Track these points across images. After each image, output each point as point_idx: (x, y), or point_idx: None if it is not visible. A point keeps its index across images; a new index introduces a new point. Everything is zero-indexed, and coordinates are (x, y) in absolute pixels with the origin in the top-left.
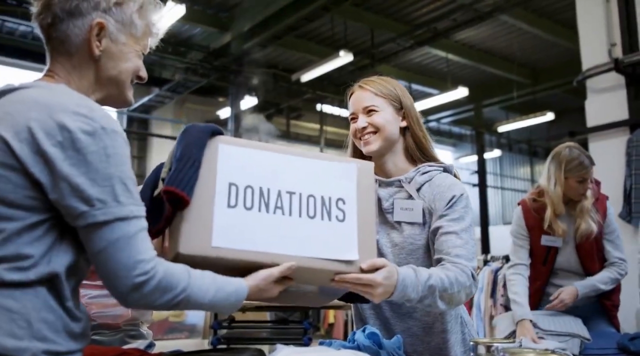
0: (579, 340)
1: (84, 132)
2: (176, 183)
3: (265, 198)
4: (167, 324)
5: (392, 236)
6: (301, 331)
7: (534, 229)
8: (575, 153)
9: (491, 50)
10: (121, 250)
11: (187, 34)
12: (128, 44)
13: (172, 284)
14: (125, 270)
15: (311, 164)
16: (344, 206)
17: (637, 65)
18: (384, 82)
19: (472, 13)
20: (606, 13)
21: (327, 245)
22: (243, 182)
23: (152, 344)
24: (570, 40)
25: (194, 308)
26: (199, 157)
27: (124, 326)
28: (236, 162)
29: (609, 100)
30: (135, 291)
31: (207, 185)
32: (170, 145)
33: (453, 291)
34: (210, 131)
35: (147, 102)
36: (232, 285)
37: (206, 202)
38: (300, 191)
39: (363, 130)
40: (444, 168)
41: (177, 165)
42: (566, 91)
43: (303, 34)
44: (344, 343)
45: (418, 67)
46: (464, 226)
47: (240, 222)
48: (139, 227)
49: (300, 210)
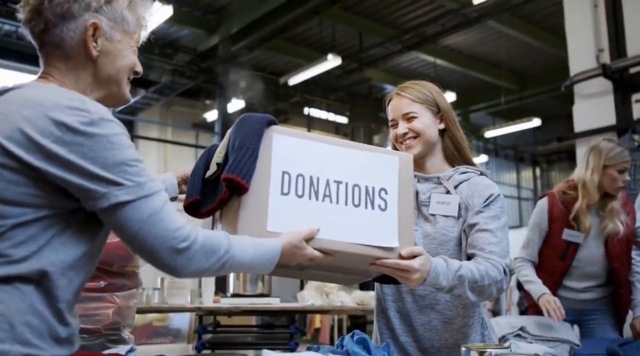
0: (568, 345)
1: (83, 124)
2: (237, 171)
3: (315, 186)
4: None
5: (424, 227)
6: (287, 336)
7: (557, 221)
8: (615, 143)
9: (479, 56)
10: (156, 225)
11: (175, 35)
12: (123, 41)
13: (215, 246)
14: (167, 240)
15: (357, 155)
16: (386, 196)
17: (625, 70)
18: (420, 87)
19: (460, 18)
20: (594, 19)
21: (369, 232)
22: (295, 171)
23: (133, 349)
24: (557, 46)
25: (236, 269)
26: (257, 146)
27: (105, 330)
28: (289, 152)
29: (596, 105)
30: (182, 258)
31: (263, 173)
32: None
33: (484, 283)
34: (266, 121)
35: (133, 103)
36: (267, 243)
37: (262, 188)
38: (346, 180)
39: (404, 135)
40: (481, 172)
41: (237, 154)
42: (553, 97)
43: (291, 37)
44: (332, 348)
45: (406, 72)
46: (500, 225)
47: (293, 208)
48: (163, 200)
49: (346, 199)
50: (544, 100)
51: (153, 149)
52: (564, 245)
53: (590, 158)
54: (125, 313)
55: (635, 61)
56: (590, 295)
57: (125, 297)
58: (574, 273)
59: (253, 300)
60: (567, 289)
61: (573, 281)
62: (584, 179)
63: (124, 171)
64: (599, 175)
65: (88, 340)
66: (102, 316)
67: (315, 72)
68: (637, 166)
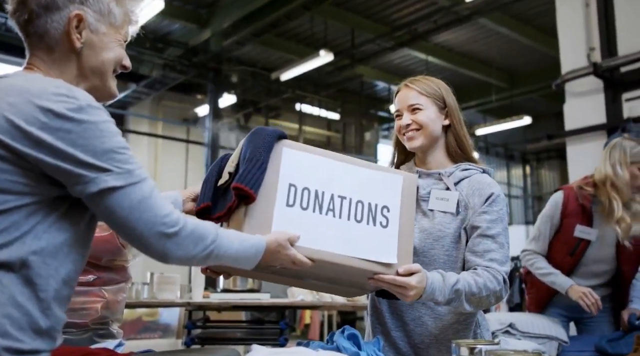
0: (556, 342)
1: (70, 110)
2: (245, 181)
3: (319, 200)
4: (141, 323)
5: (422, 222)
6: (277, 331)
7: (571, 216)
8: (633, 141)
9: (470, 54)
10: (146, 211)
11: (166, 29)
12: (109, 34)
13: (203, 234)
14: (156, 226)
15: (362, 173)
16: (388, 213)
17: (615, 69)
18: (429, 81)
19: (452, 16)
20: (585, 17)
21: (369, 247)
22: (302, 184)
23: (121, 343)
24: (548, 45)
25: (222, 259)
26: (267, 159)
27: (93, 325)
28: (297, 165)
29: (587, 104)
30: (171, 243)
31: (270, 184)
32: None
33: (481, 295)
34: (277, 135)
35: (124, 98)
36: (253, 238)
37: (268, 199)
38: (350, 196)
39: (407, 126)
40: (483, 170)
41: (247, 165)
42: (543, 96)
43: (283, 33)
44: (322, 344)
45: (398, 69)
46: (501, 229)
47: (296, 219)
48: (151, 187)
49: (349, 214)
50: (535, 99)
51: (144, 144)
52: (575, 241)
53: (615, 156)
54: (114, 308)
55: (626, 60)
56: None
57: (114, 291)
58: (580, 271)
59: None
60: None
61: (578, 278)
62: (611, 176)
63: (112, 158)
64: (628, 171)
65: (76, 334)
66: (90, 311)
67: (307, 68)
68: None
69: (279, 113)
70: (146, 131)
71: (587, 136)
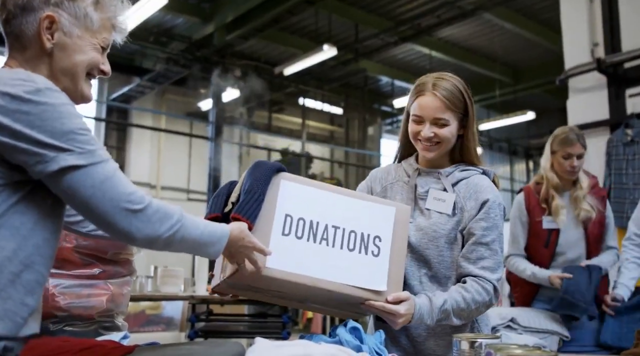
0: (557, 337)
1: (28, 92)
2: (243, 212)
3: (314, 230)
4: (144, 316)
5: (418, 220)
6: (280, 325)
7: (534, 210)
8: (565, 130)
9: (474, 49)
10: (110, 190)
11: (169, 23)
12: (84, 37)
13: (168, 212)
14: (122, 203)
15: (356, 204)
16: (379, 243)
17: (619, 65)
18: (453, 86)
19: (456, 10)
20: (589, 13)
21: (361, 275)
22: (297, 214)
23: (127, 336)
24: (552, 40)
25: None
26: (264, 190)
27: (98, 317)
28: (294, 197)
29: (590, 99)
30: (137, 220)
31: (268, 215)
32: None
33: (470, 309)
34: (276, 169)
35: (127, 91)
36: (217, 225)
37: (265, 228)
38: (344, 226)
39: (428, 138)
40: (483, 170)
41: (245, 196)
42: (547, 91)
43: (286, 27)
44: (325, 337)
45: (401, 64)
46: (496, 235)
47: (291, 248)
48: (114, 167)
49: (342, 243)
50: (538, 94)
51: (147, 137)
52: (545, 233)
53: (547, 146)
54: (119, 301)
55: (629, 56)
56: None
57: (119, 284)
58: (558, 260)
59: None
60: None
61: (558, 269)
62: (544, 167)
63: (73, 139)
64: (547, 159)
65: (82, 326)
66: (95, 303)
67: (310, 63)
68: (629, 160)
69: (282, 107)
70: (149, 125)
71: (591, 131)
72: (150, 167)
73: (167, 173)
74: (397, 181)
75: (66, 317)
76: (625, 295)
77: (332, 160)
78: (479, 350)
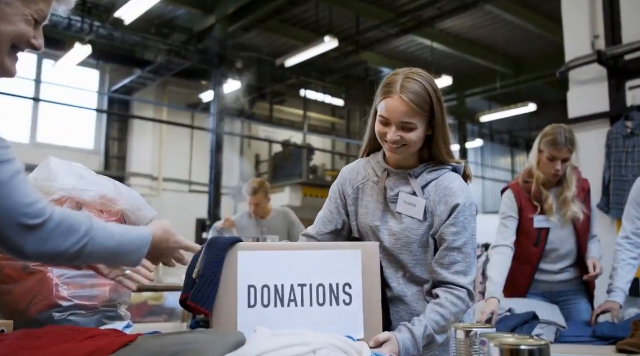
0: (554, 327)
1: None
2: (197, 299)
3: (279, 294)
4: (146, 307)
5: (390, 224)
6: None
7: (526, 209)
8: (555, 130)
9: (475, 40)
10: (3, 198)
11: (171, 15)
12: (14, 5)
13: (74, 225)
14: (15, 216)
15: (319, 255)
16: (350, 290)
17: (620, 57)
18: (419, 86)
19: (457, 2)
20: (590, 5)
21: (335, 327)
22: (260, 282)
23: (129, 325)
24: (553, 32)
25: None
26: (219, 271)
27: (102, 307)
28: (253, 265)
29: (590, 91)
30: (33, 237)
31: (230, 291)
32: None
33: (450, 321)
34: (230, 243)
35: (129, 83)
36: (136, 229)
37: (230, 304)
38: (310, 282)
39: (394, 141)
40: (452, 167)
41: (199, 281)
42: (548, 83)
43: (287, 19)
44: None
45: (403, 55)
46: (466, 238)
47: (260, 318)
48: (14, 170)
49: (311, 300)
50: (540, 86)
51: (148, 129)
52: (536, 233)
53: (534, 145)
54: (122, 291)
55: (630, 48)
56: (566, 276)
57: None
58: (549, 256)
59: None
60: (544, 272)
61: (549, 264)
62: (532, 165)
63: None
64: (534, 158)
65: (85, 316)
66: (99, 293)
67: (311, 54)
68: (628, 152)
69: (284, 99)
70: (151, 116)
71: (591, 124)
72: (152, 159)
73: (168, 164)
74: (367, 181)
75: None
76: (621, 300)
77: (333, 152)
78: (474, 339)
